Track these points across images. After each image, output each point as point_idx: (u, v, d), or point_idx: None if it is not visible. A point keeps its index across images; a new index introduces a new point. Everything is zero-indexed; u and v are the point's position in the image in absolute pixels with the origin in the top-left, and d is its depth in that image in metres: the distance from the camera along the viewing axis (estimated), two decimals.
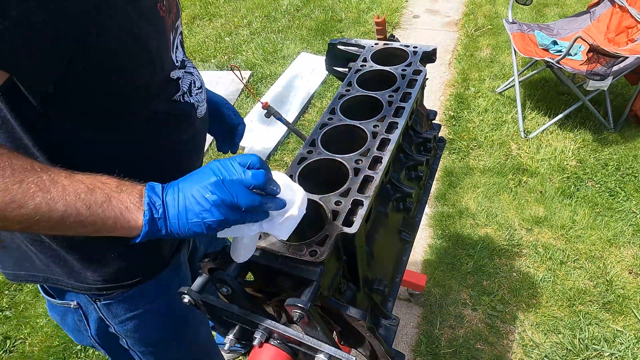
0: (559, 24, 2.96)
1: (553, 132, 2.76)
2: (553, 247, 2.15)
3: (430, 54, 1.17)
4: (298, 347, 0.75)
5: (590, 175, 2.49)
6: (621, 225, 2.22)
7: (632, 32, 2.69)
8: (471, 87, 3.18)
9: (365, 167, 0.86)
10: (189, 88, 0.89)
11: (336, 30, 3.91)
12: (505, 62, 3.36)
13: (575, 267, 2.07)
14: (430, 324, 1.92)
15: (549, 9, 3.96)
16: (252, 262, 0.75)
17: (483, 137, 2.79)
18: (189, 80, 0.89)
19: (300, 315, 0.67)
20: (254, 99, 3.19)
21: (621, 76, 2.52)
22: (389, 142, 0.92)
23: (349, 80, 1.10)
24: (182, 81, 0.87)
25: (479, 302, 1.97)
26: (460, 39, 3.73)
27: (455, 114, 2.98)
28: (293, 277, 0.72)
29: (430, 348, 1.84)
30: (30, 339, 2.00)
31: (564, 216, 2.28)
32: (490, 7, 4.06)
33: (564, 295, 1.97)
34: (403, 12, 4.19)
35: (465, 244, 2.20)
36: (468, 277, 2.07)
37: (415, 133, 1.13)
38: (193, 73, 0.92)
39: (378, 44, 1.20)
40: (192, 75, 0.91)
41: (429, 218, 2.36)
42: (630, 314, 1.89)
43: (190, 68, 0.92)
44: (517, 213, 2.33)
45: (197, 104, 0.91)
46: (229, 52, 3.79)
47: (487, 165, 2.61)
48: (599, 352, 1.78)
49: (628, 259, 2.09)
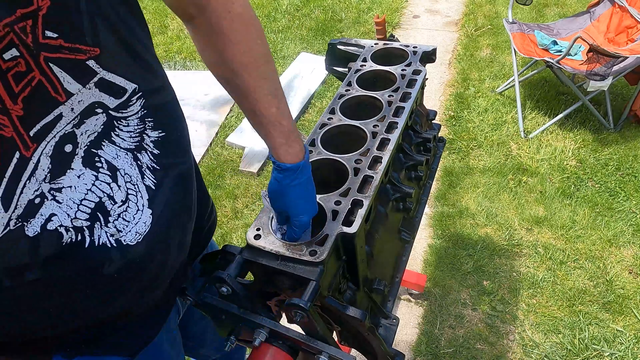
0: (559, 24, 2.96)
1: (553, 132, 2.76)
2: (553, 247, 2.15)
3: (430, 53, 1.17)
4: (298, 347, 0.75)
5: (590, 175, 2.49)
6: (621, 225, 2.22)
7: (632, 32, 2.69)
8: (471, 87, 3.18)
9: (365, 167, 0.86)
10: (95, 213, 0.58)
11: (336, 30, 3.91)
12: (505, 62, 3.36)
13: (575, 267, 2.07)
14: (430, 324, 1.92)
15: (549, 9, 3.96)
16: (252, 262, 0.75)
17: (483, 137, 2.79)
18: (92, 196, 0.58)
19: (300, 315, 0.67)
20: None
21: (621, 76, 2.51)
22: (388, 142, 0.92)
23: (349, 80, 1.10)
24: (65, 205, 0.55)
25: (479, 302, 1.97)
26: (460, 39, 3.73)
27: (455, 114, 2.98)
28: (293, 277, 0.72)
29: (430, 348, 1.84)
30: None
31: (564, 216, 2.28)
32: (490, 7, 4.06)
33: (564, 295, 1.97)
34: (403, 12, 4.19)
35: (465, 244, 2.20)
36: (468, 277, 2.07)
37: (415, 133, 1.13)
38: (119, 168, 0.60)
39: (378, 44, 1.20)
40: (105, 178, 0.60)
41: (429, 218, 2.36)
42: (630, 314, 1.89)
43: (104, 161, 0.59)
44: (517, 213, 2.33)
45: (120, 234, 0.61)
46: None
47: (487, 165, 2.61)
48: (599, 352, 1.78)
49: (628, 259, 2.09)
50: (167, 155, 0.67)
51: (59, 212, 0.55)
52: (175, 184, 0.69)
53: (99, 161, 0.58)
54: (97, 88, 0.56)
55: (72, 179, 0.55)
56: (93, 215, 0.57)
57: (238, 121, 3.04)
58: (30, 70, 0.49)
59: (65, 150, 0.54)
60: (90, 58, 0.54)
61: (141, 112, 0.62)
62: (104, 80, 0.56)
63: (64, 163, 0.54)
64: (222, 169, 2.74)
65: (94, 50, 0.54)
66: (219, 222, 2.43)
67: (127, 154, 0.61)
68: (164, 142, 0.66)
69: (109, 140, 0.59)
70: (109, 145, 0.59)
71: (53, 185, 0.54)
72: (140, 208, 0.62)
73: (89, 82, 0.54)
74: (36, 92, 0.50)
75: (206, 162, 2.80)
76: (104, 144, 0.58)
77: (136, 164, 0.62)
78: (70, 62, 0.52)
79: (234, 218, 2.45)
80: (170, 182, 0.68)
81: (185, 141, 0.74)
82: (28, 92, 0.49)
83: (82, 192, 0.56)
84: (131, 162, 0.61)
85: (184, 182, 0.72)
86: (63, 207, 0.55)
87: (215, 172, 2.72)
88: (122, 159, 0.60)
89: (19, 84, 0.48)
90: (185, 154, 0.73)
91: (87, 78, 0.54)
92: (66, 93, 0.53)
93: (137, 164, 0.62)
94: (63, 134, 0.54)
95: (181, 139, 0.71)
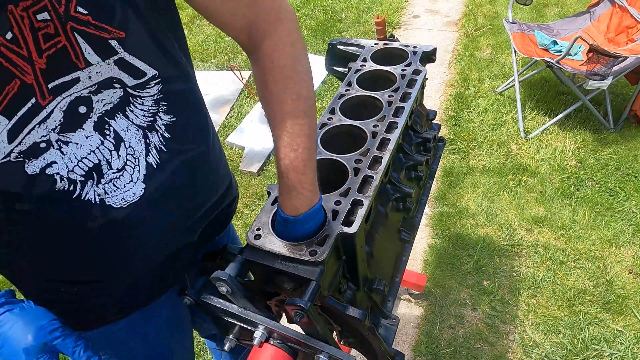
0: (559, 24, 2.96)
1: (553, 132, 2.76)
2: (553, 247, 2.15)
3: (430, 53, 1.17)
4: (298, 347, 0.75)
5: (590, 175, 2.49)
6: (621, 225, 2.22)
7: (632, 32, 2.69)
8: (471, 87, 3.18)
9: (365, 167, 0.86)
10: (90, 172, 0.64)
11: (336, 30, 3.91)
12: (505, 62, 3.36)
13: (575, 267, 2.07)
14: (430, 324, 1.92)
15: (549, 9, 3.96)
16: (252, 262, 0.75)
17: (483, 137, 2.79)
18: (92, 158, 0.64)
19: (300, 315, 0.67)
20: (254, 99, 3.19)
21: (621, 76, 2.51)
22: (388, 142, 0.92)
23: (349, 80, 1.10)
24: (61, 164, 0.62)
25: (479, 302, 1.97)
26: (460, 39, 3.73)
27: (455, 113, 2.98)
28: (293, 276, 0.72)
29: (430, 348, 1.84)
30: None
31: (564, 216, 2.28)
32: (490, 7, 4.06)
33: (564, 295, 1.97)
34: (403, 12, 4.19)
35: (465, 244, 2.20)
36: (468, 277, 2.07)
37: (415, 133, 1.13)
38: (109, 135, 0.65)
39: (378, 44, 1.20)
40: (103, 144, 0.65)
41: (429, 218, 2.36)
42: (630, 314, 1.89)
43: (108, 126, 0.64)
44: (517, 213, 2.33)
45: (107, 196, 0.67)
46: (229, 52, 3.79)
47: (487, 165, 2.61)
48: (599, 352, 1.78)
49: (628, 259, 2.09)
50: (176, 140, 0.72)
51: (60, 162, 0.61)
52: (181, 169, 0.74)
53: (108, 129, 0.64)
54: (116, 66, 0.62)
55: (81, 138, 0.62)
56: (89, 173, 0.64)
57: (238, 121, 3.04)
58: (58, 35, 0.56)
59: (79, 110, 0.61)
60: (114, 39, 0.60)
61: (157, 95, 0.68)
62: (124, 61, 0.62)
63: (76, 121, 0.61)
64: None
65: (119, 33, 0.60)
66: None
67: (137, 129, 0.67)
68: (175, 127, 0.72)
69: (123, 113, 0.65)
70: (122, 118, 0.65)
71: (62, 137, 0.60)
72: (134, 180, 0.68)
73: (108, 58, 0.61)
74: (60, 53, 0.57)
75: None
76: (118, 116, 0.65)
77: (144, 141, 0.68)
78: (94, 37, 0.59)
79: (234, 218, 2.45)
80: (175, 165, 0.73)
81: (200, 129, 0.78)
82: (53, 52, 0.56)
83: (86, 151, 0.63)
84: (140, 138, 0.67)
85: (192, 168, 0.77)
86: (65, 159, 0.61)
87: None
88: (132, 133, 0.67)
89: (46, 42, 0.56)
90: (198, 141, 0.77)
91: (108, 55, 0.61)
92: (86, 62, 0.59)
93: (146, 142, 0.68)
94: (79, 96, 0.60)
95: (193, 127, 0.76)
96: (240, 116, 3.08)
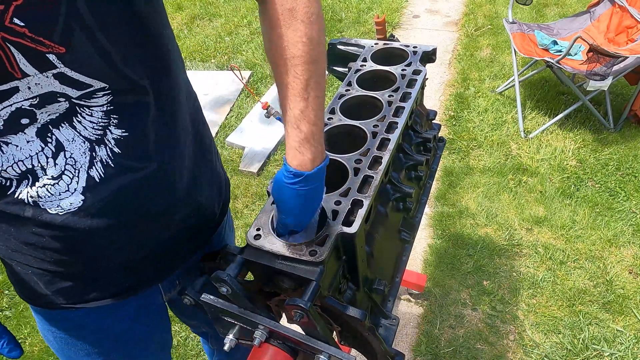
0: (559, 24, 2.96)
1: (553, 132, 2.76)
2: (553, 247, 2.15)
3: (430, 53, 1.17)
4: (298, 347, 0.75)
5: (590, 175, 2.49)
6: (621, 225, 2.22)
7: (632, 32, 2.69)
8: (471, 87, 3.18)
9: (365, 167, 0.86)
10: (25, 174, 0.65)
11: (336, 30, 3.91)
12: (505, 62, 3.36)
13: (575, 267, 2.07)
14: (430, 324, 1.92)
15: (549, 9, 3.96)
16: (252, 262, 0.75)
17: (483, 137, 2.79)
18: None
19: (300, 315, 0.67)
20: (254, 99, 3.19)
21: (621, 76, 2.51)
22: (388, 142, 0.92)
23: (349, 80, 1.10)
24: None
25: (479, 302, 1.97)
26: (460, 39, 3.73)
27: (455, 113, 2.98)
28: (293, 277, 0.72)
29: (430, 348, 1.84)
30: (30, 339, 2.00)
31: (564, 216, 2.28)
32: (490, 7, 4.06)
33: (564, 295, 1.97)
34: (403, 12, 4.19)
35: (465, 244, 2.20)
36: (468, 277, 2.07)
37: (415, 133, 1.13)
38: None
39: (378, 44, 1.20)
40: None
41: (429, 218, 2.36)
42: (630, 314, 1.89)
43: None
44: (517, 213, 2.33)
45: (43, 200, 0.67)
46: (229, 52, 3.79)
47: (487, 165, 2.61)
48: (599, 352, 1.78)
49: (628, 259, 2.09)
50: (128, 157, 0.68)
51: None
52: (130, 185, 0.71)
53: (50, 137, 0.62)
54: (56, 80, 0.59)
55: (21, 141, 0.61)
56: (23, 175, 0.64)
57: (238, 121, 3.04)
58: None
59: (22, 122, 0.60)
60: (52, 53, 0.57)
61: (107, 106, 0.64)
62: (64, 75, 0.59)
63: (17, 128, 0.60)
64: None
65: (59, 48, 0.57)
66: None
67: (84, 142, 0.65)
68: (127, 142, 0.68)
69: (69, 123, 0.63)
70: (67, 128, 0.63)
71: (3, 139, 0.60)
72: (71, 190, 0.67)
73: (46, 72, 0.58)
74: None
75: None
76: (63, 125, 0.63)
77: (90, 153, 0.66)
78: (30, 49, 0.55)
79: (234, 218, 2.45)
80: (124, 181, 0.70)
81: (161, 145, 0.73)
82: None
83: (25, 155, 0.62)
84: (85, 151, 0.65)
85: (147, 187, 0.73)
86: (2, 158, 0.61)
87: None
88: (77, 144, 0.64)
89: None
90: (152, 158, 0.72)
91: (45, 68, 0.57)
92: (22, 72, 0.56)
93: (91, 154, 0.66)
94: (20, 107, 0.58)
95: (151, 144, 0.71)
96: (240, 116, 3.08)
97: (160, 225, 0.80)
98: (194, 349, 1.89)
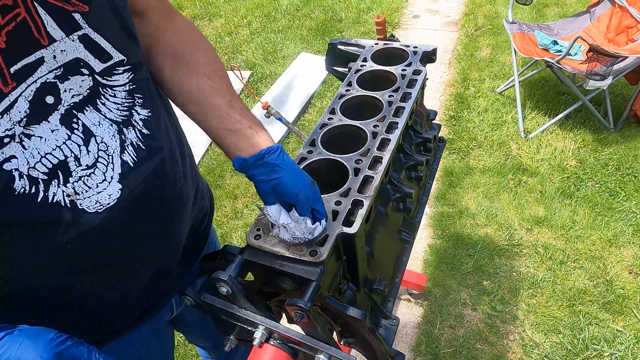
0: (559, 24, 2.96)
1: (553, 132, 2.75)
2: (553, 247, 2.15)
3: (430, 53, 1.17)
4: (298, 347, 0.75)
5: (590, 175, 2.49)
6: (621, 225, 2.22)
7: (632, 32, 2.69)
8: (471, 87, 3.18)
9: (365, 167, 0.86)
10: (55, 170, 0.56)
11: (336, 30, 3.91)
12: (505, 62, 3.36)
13: (575, 267, 2.07)
14: (430, 324, 1.92)
15: (549, 9, 3.96)
16: (252, 262, 0.75)
17: (483, 137, 2.79)
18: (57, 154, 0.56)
19: (301, 315, 0.67)
20: (254, 99, 3.19)
21: (621, 76, 2.51)
22: (389, 142, 0.92)
23: (349, 80, 1.10)
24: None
25: (479, 302, 1.97)
26: (460, 39, 3.73)
27: (455, 114, 2.98)
28: (293, 277, 0.72)
29: (430, 348, 1.84)
30: None
31: (564, 216, 2.28)
32: (490, 7, 4.06)
33: (564, 295, 1.97)
34: (403, 12, 4.19)
35: (465, 244, 2.20)
36: (468, 277, 2.07)
37: (415, 133, 1.13)
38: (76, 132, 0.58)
39: (378, 44, 1.20)
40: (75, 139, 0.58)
41: (429, 218, 2.36)
42: (630, 314, 1.89)
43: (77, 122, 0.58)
44: (517, 213, 2.33)
45: (79, 198, 0.59)
46: (229, 52, 3.79)
47: (487, 165, 2.60)
48: (599, 352, 1.78)
49: (628, 259, 2.09)
50: (155, 138, 0.67)
51: (20, 157, 0.53)
52: (160, 167, 0.67)
53: (76, 123, 0.58)
54: (81, 43, 0.57)
55: (45, 132, 0.55)
56: (53, 171, 0.56)
57: None
58: (16, 6, 0.51)
59: (47, 101, 0.55)
60: (77, 12, 0.56)
61: (129, 85, 0.63)
62: (88, 38, 0.58)
63: (42, 113, 0.55)
64: (222, 169, 2.74)
65: (83, 7, 0.56)
66: (219, 222, 2.43)
67: (111, 124, 0.61)
68: (153, 122, 0.66)
69: (93, 106, 0.59)
70: (92, 112, 0.59)
71: (25, 130, 0.53)
72: (108, 179, 0.61)
73: (72, 34, 0.56)
74: (20, 28, 0.51)
75: (206, 162, 2.80)
76: (87, 109, 0.59)
77: (119, 137, 0.62)
78: (56, 8, 0.54)
79: (234, 218, 2.45)
80: (155, 164, 0.66)
81: (175, 125, 0.77)
82: (12, 27, 0.51)
83: (51, 146, 0.56)
84: (114, 134, 0.61)
85: (170, 166, 0.70)
86: (26, 154, 0.54)
87: (215, 172, 2.72)
88: (105, 128, 0.60)
89: (4, 17, 0.50)
90: (169, 137, 0.73)
91: (71, 29, 0.56)
92: (49, 37, 0.54)
93: (121, 138, 0.62)
94: (45, 82, 0.54)
95: (165, 121, 0.73)
96: None
97: (179, 217, 0.76)
98: (194, 349, 1.89)
